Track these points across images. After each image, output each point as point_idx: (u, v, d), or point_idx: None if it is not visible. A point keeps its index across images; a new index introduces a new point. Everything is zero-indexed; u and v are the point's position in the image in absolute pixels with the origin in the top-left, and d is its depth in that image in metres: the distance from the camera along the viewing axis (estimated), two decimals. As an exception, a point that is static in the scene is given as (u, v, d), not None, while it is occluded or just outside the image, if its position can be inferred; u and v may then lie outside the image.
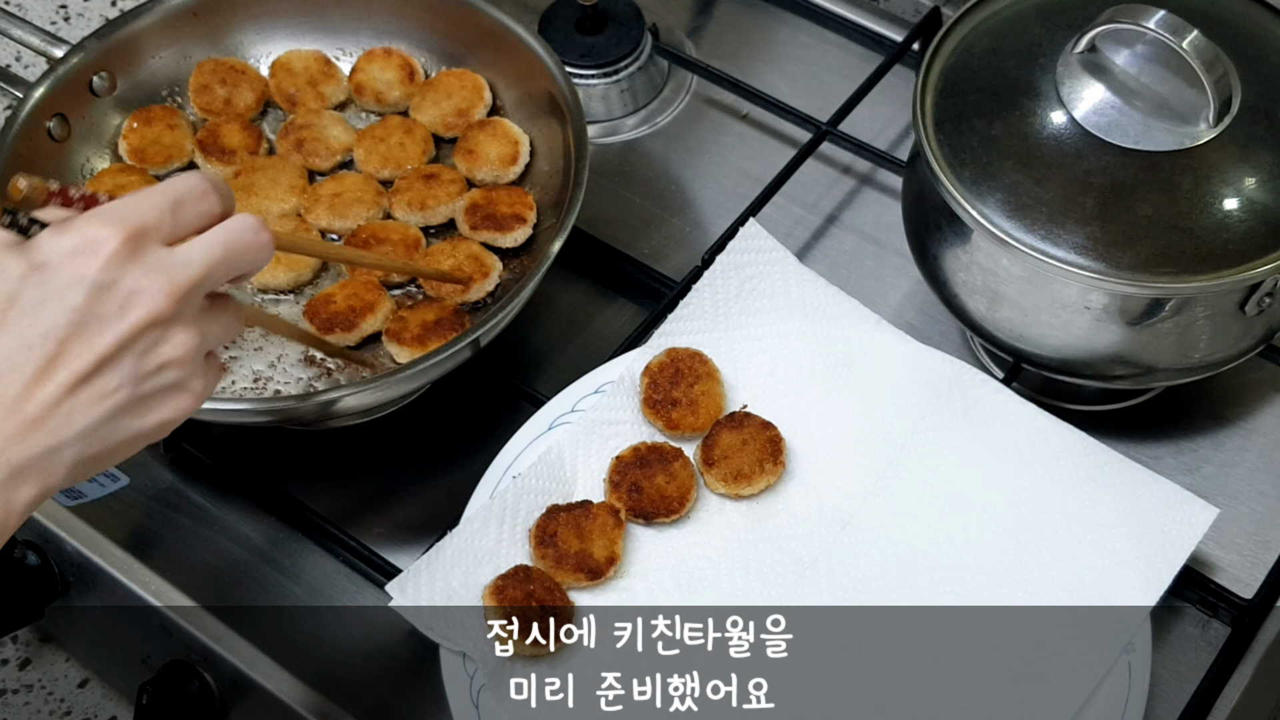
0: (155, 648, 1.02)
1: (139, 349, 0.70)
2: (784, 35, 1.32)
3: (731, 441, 0.98)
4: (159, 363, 0.71)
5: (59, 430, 0.68)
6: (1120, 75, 0.95)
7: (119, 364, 0.69)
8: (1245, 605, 0.95)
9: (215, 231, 0.73)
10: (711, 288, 1.06)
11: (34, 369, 0.67)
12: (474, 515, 0.96)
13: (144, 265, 0.69)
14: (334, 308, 1.04)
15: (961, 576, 0.94)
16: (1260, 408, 1.07)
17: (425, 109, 1.15)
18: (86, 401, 0.68)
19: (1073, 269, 0.90)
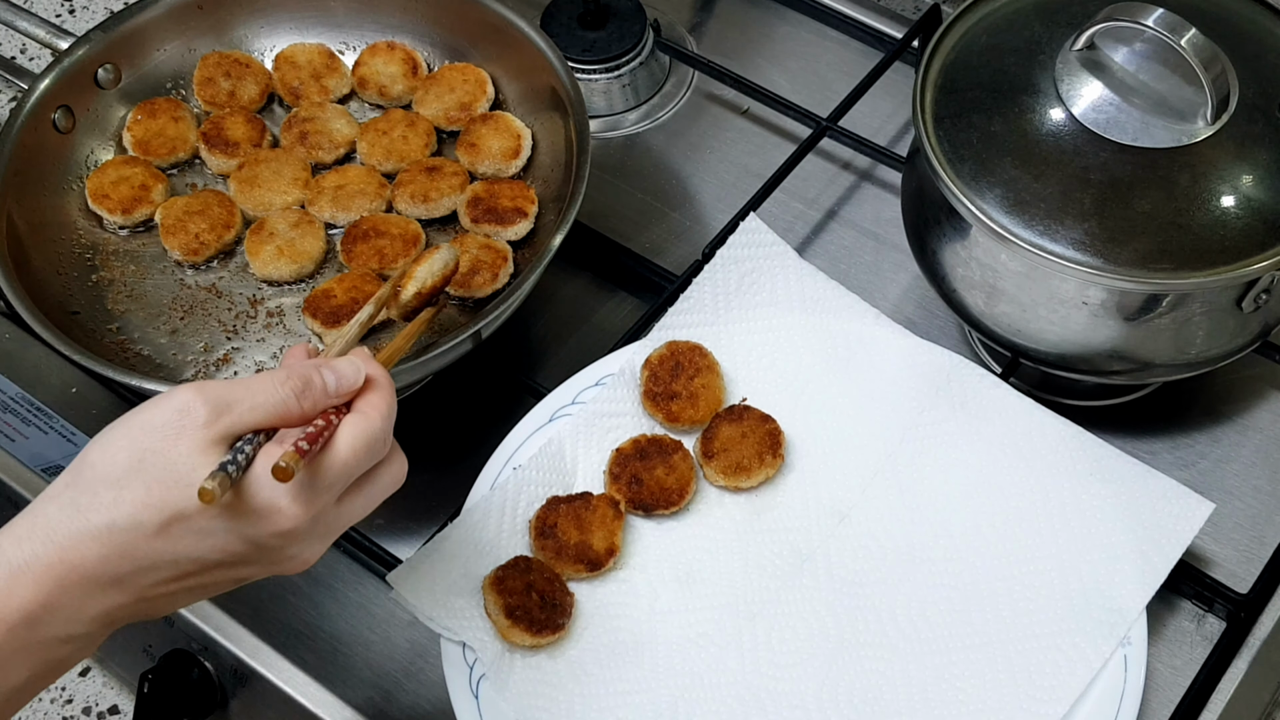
0: (156, 636, 1.02)
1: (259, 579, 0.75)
2: (784, 31, 1.33)
3: (731, 434, 0.98)
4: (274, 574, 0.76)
5: (155, 611, 0.73)
6: (1119, 73, 0.95)
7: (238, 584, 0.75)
8: (1240, 600, 0.96)
9: (380, 490, 0.77)
10: (712, 281, 1.06)
11: (164, 578, 0.71)
12: (474, 506, 0.97)
13: (312, 536, 0.74)
14: (335, 301, 1.04)
15: (958, 570, 0.95)
16: (1256, 404, 1.07)
17: (428, 103, 1.16)
18: (193, 596, 0.74)
19: (1071, 264, 0.91)
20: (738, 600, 0.94)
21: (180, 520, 0.69)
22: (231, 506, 0.70)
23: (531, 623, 0.90)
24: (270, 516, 0.71)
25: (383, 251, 1.07)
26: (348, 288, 1.05)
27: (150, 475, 0.69)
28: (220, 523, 0.70)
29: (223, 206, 1.10)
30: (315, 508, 0.72)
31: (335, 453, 0.73)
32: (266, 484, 0.70)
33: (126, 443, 0.70)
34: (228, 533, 0.70)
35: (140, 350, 1.05)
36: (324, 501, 0.73)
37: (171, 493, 0.69)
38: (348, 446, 0.73)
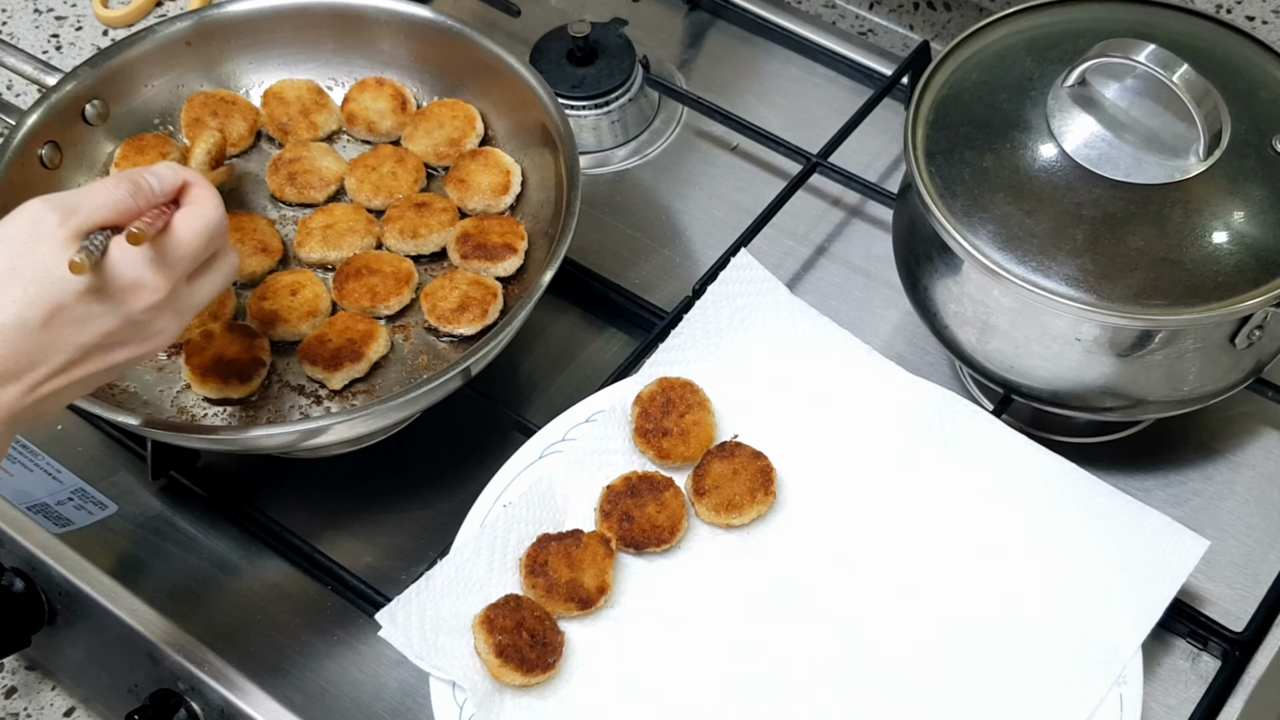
0: (142, 676, 1.01)
1: (135, 362, 0.86)
2: (774, 68, 1.33)
3: (722, 471, 0.98)
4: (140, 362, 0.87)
5: (56, 402, 0.83)
6: (1111, 109, 0.95)
7: (114, 371, 0.85)
8: (1235, 638, 0.95)
9: (221, 275, 0.89)
10: (703, 318, 1.06)
11: (54, 368, 0.80)
12: (464, 544, 0.96)
13: (173, 309, 0.85)
14: (332, 345, 1.04)
15: (951, 607, 0.94)
16: (1249, 441, 1.07)
17: (417, 138, 1.16)
18: (79, 389, 0.84)
19: (1063, 300, 0.91)
20: (730, 639, 0.94)
21: (60, 311, 0.79)
22: (102, 290, 0.80)
23: (522, 662, 0.90)
24: (137, 291, 0.82)
25: (375, 290, 1.07)
26: (340, 330, 1.05)
27: (24, 278, 0.79)
28: (96, 306, 0.81)
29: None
30: (172, 278, 0.83)
31: (177, 232, 0.84)
32: (128, 264, 0.81)
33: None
34: (104, 314, 0.81)
35: (127, 387, 1.04)
36: (178, 274, 0.84)
37: (47, 288, 0.79)
38: (188, 228, 0.85)
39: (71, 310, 0.80)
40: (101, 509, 1.06)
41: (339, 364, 1.03)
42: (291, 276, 1.09)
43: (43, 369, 0.80)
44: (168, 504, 1.07)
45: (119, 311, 0.82)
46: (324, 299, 1.08)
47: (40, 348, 0.79)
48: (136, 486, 1.08)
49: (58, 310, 0.79)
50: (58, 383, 0.81)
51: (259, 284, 1.08)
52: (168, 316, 0.85)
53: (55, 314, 0.79)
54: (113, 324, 0.82)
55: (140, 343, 0.84)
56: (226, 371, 1.03)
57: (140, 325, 0.83)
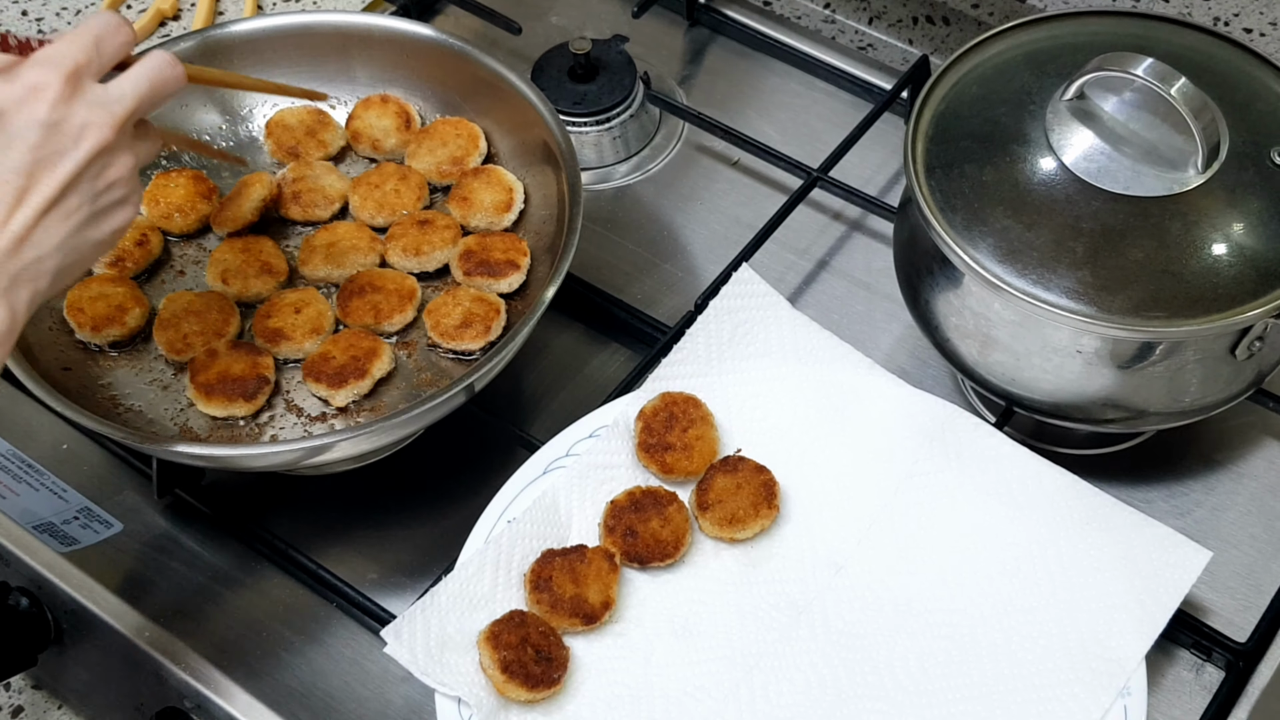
0: (149, 694, 1.01)
1: (92, 173, 0.84)
2: (774, 83, 1.33)
3: (726, 485, 0.98)
4: (108, 182, 0.86)
5: (40, 244, 0.82)
6: (1109, 122, 0.96)
7: (78, 187, 0.84)
8: (1239, 649, 0.95)
9: (139, 69, 0.88)
10: (705, 332, 1.06)
11: (10, 198, 0.81)
12: (469, 560, 0.96)
13: (86, 102, 0.84)
14: (337, 362, 1.04)
15: (956, 620, 0.94)
16: (1251, 451, 1.07)
17: (421, 156, 1.16)
18: (57, 220, 0.83)
19: (1064, 313, 0.91)
20: (734, 653, 0.94)
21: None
22: (5, 111, 0.81)
23: (527, 677, 0.90)
24: (32, 95, 0.82)
25: (378, 307, 1.07)
26: (344, 347, 1.05)
27: None
28: (10, 124, 0.81)
29: (221, 312, 1.08)
30: (61, 71, 0.83)
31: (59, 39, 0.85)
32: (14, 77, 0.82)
33: None
34: (19, 130, 0.81)
35: (132, 405, 1.05)
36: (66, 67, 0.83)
37: None
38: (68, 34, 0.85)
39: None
40: (107, 528, 1.06)
41: (343, 381, 1.03)
42: (295, 294, 1.09)
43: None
44: (173, 522, 1.07)
45: (30, 119, 0.82)
46: (328, 316, 1.08)
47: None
48: (142, 505, 1.08)
49: None
50: (23, 215, 0.81)
51: (264, 302, 1.09)
52: (82, 109, 0.83)
53: None
54: (33, 134, 0.82)
55: (74, 144, 0.83)
56: (231, 389, 1.03)
57: (59, 125, 0.82)
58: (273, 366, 1.05)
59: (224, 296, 1.09)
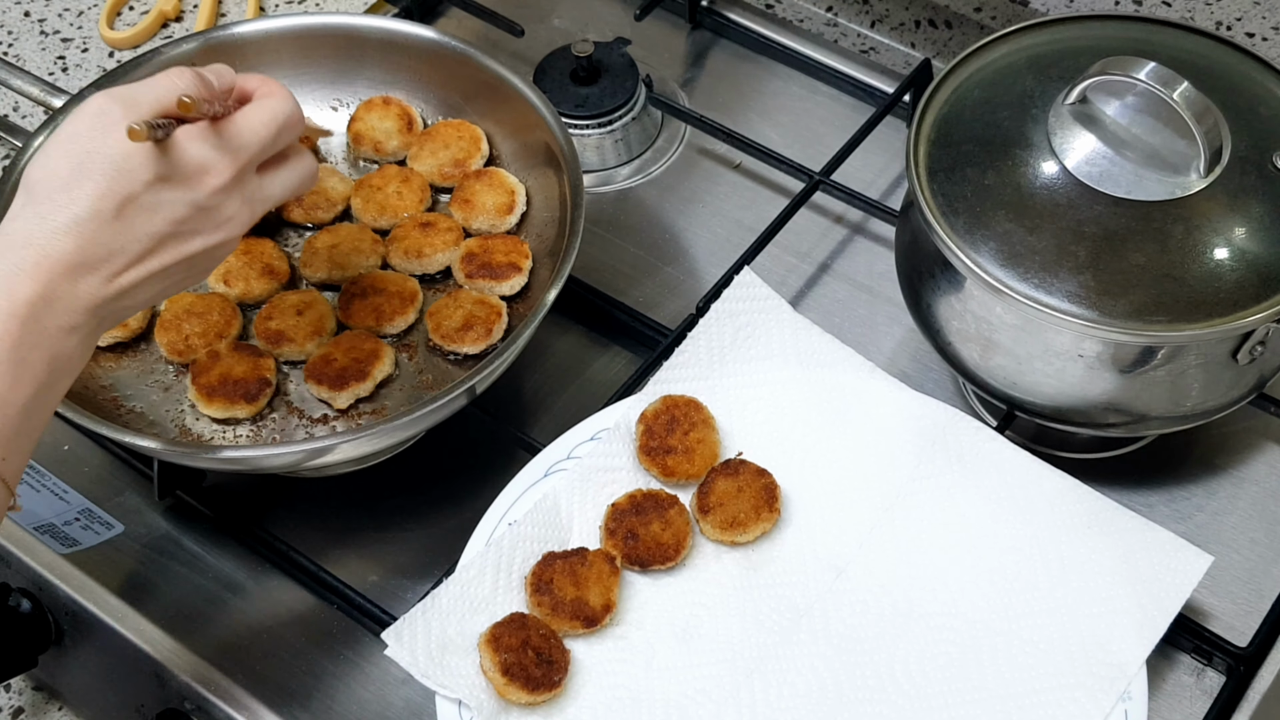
0: (149, 696, 1.01)
1: (209, 254, 0.87)
2: (776, 86, 1.33)
3: (727, 489, 0.98)
4: (215, 258, 0.88)
5: (135, 297, 0.85)
6: (1112, 126, 0.96)
7: (192, 264, 0.86)
8: (1240, 653, 0.95)
9: (295, 173, 0.91)
10: (706, 335, 1.06)
11: (134, 256, 0.83)
12: (470, 562, 0.96)
13: (241, 196, 0.86)
14: (339, 364, 1.04)
15: (957, 624, 0.94)
16: (1252, 456, 1.07)
17: (423, 158, 1.16)
18: (159, 280, 0.85)
19: (1066, 317, 0.91)
20: (735, 656, 0.94)
21: (132, 200, 0.81)
22: (169, 177, 0.82)
23: (528, 680, 0.90)
24: (203, 175, 0.84)
25: (380, 309, 1.07)
26: (345, 349, 1.05)
27: (95, 170, 0.81)
28: (166, 193, 0.82)
29: (223, 314, 1.08)
30: (238, 162, 0.85)
31: (243, 117, 0.86)
32: (193, 148, 0.83)
33: (61, 153, 0.82)
34: (174, 201, 0.83)
35: (134, 407, 1.05)
36: (243, 159, 0.85)
37: (117, 179, 0.81)
38: (254, 113, 0.87)
39: (142, 199, 0.82)
40: (108, 529, 1.07)
41: (344, 383, 1.03)
42: (297, 296, 1.09)
43: (119, 259, 0.82)
44: (174, 524, 1.07)
45: (187, 197, 0.83)
46: (329, 318, 1.08)
47: (115, 237, 0.81)
48: (143, 506, 1.08)
49: (129, 200, 0.81)
50: (135, 274, 0.83)
51: (265, 304, 1.09)
52: (236, 203, 0.86)
53: (127, 203, 0.81)
54: (182, 210, 0.83)
55: (212, 230, 0.85)
56: (232, 391, 1.03)
57: (209, 211, 0.85)
58: (274, 368, 1.05)
59: (225, 298, 1.09)
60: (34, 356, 0.79)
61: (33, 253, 0.80)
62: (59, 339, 0.80)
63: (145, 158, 0.82)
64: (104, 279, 0.82)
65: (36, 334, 0.79)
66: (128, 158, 0.81)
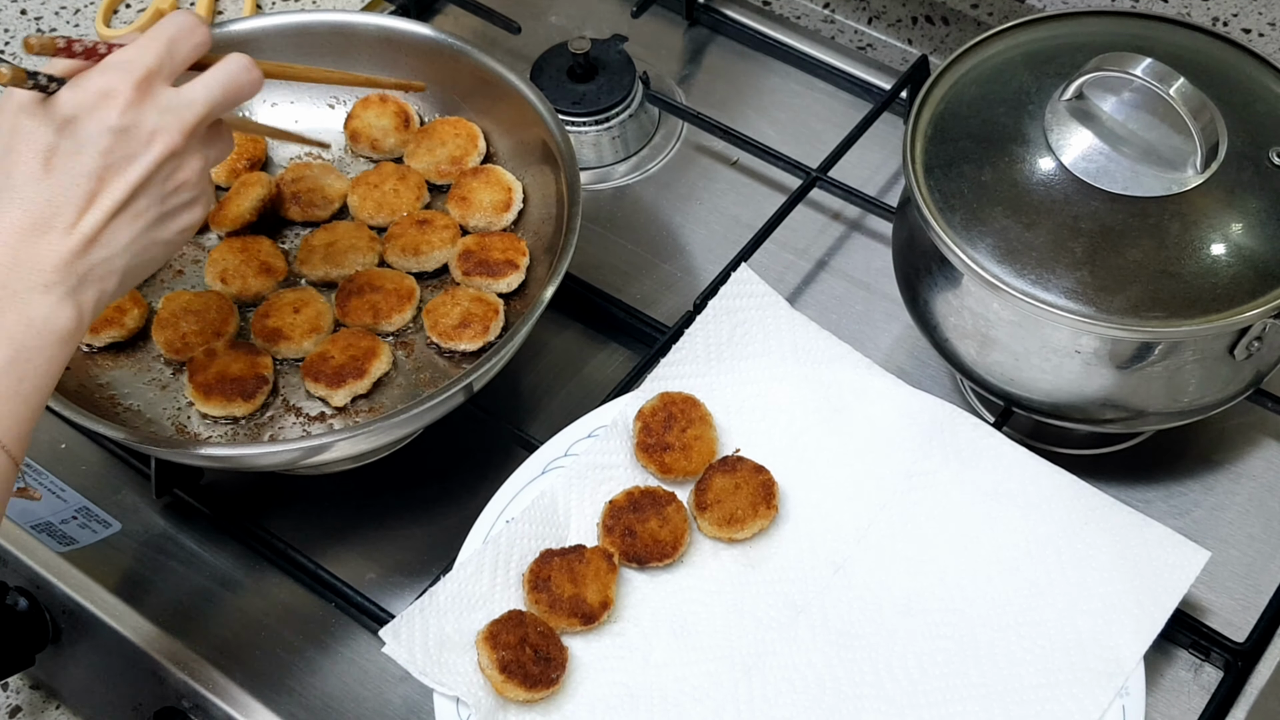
0: (147, 694, 1.01)
1: (161, 176, 0.86)
2: (773, 83, 1.33)
3: (724, 485, 0.98)
4: (176, 185, 0.87)
5: (109, 245, 0.84)
6: (1108, 122, 0.96)
7: (147, 190, 0.85)
8: (1237, 649, 0.95)
9: (214, 73, 0.88)
10: (704, 332, 1.06)
11: (81, 200, 0.83)
12: (467, 560, 0.96)
13: (157, 107, 0.85)
14: (336, 362, 1.04)
15: (954, 620, 0.94)
16: (1249, 451, 1.07)
17: (420, 156, 1.16)
18: (126, 222, 0.85)
19: (1063, 313, 0.91)
20: (733, 653, 0.94)
21: (52, 150, 0.82)
22: (75, 117, 0.83)
23: (526, 677, 0.90)
24: (104, 100, 0.83)
25: (377, 307, 1.07)
26: (343, 347, 1.05)
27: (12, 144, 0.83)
28: (79, 131, 0.83)
29: (220, 312, 1.08)
30: (133, 75, 0.84)
31: (129, 43, 0.86)
32: (85, 81, 0.84)
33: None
34: (89, 136, 0.83)
35: (131, 405, 1.05)
36: (138, 71, 0.84)
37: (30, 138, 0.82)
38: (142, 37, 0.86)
39: (60, 145, 0.83)
40: (105, 527, 1.07)
41: (342, 381, 1.03)
42: (294, 294, 1.09)
43: (68, 208, 0.83)
44: (171, 522, 1.07)
45: (99, 126, 0.83)
46: (326, 316, 1.08)
47: (53, 189, 0.82)
48: (140, 504, 1.08)
49: (49, 150, 0.83)
50: (93, 217, 0.83)
51: (262, 302, 1.09)
52: (153, 114, 0.85)
53: (49, 155, 0.83)
54: (102, 140, 0.83)
55: (144, 149, 0.84)
56: (229, 389, 1.03)
57: (129, 130, 0.84)
58: (271, 366, 1.05)
59: (223, 296, 1.09)
60: (8, 319, 0.80)
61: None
62: (31, 300, 0.81)
63: (48, 109, 0.83)
64: (62, 232, 0.82)
65: (6, 299, 0.80)
66: (31, 115, 0.83)
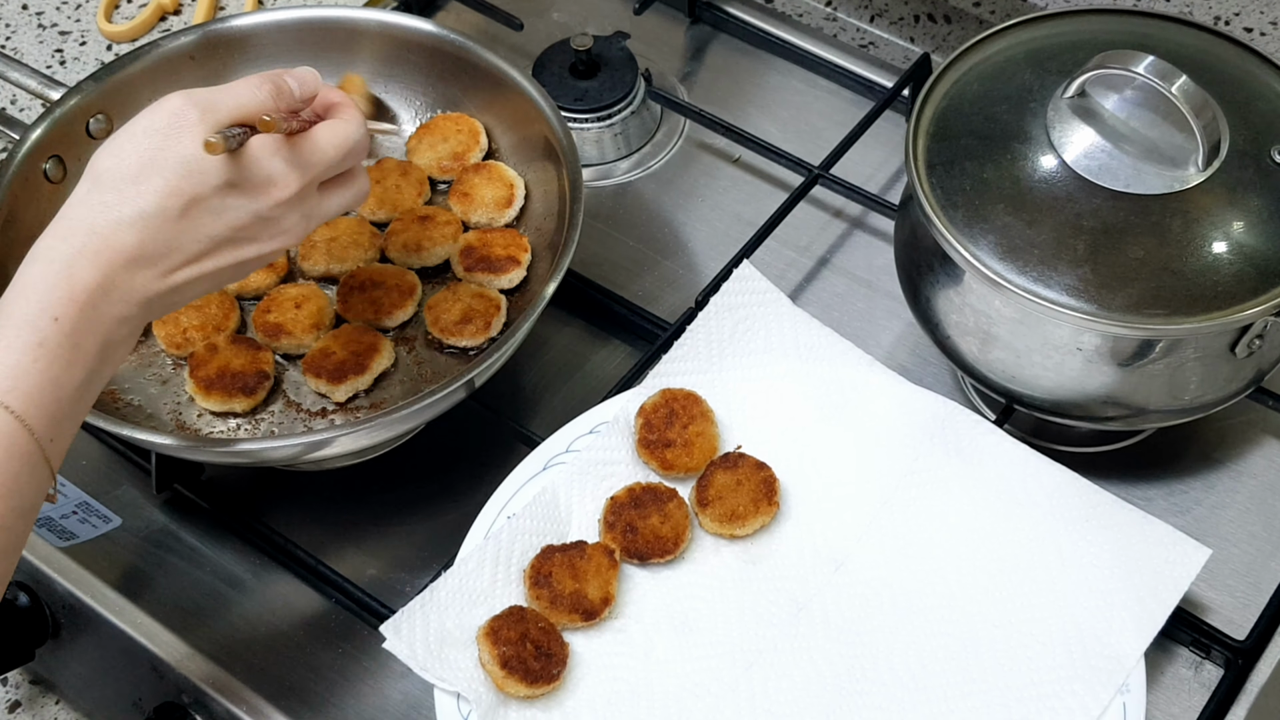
0: (147, 690, 1.01)
1: (260, 262, 0.89)
2: (775, 81, 1.33)
3: (726, 482, 0.98)
4: (261, 263, 0.89)
5: (184, 295, 0.86)
6: (1110, 120, 0.96)
7: (243, 266, 0.88)
8: (1238, 647, 0.95)
9: (351, 192, 0.92)
10: (706, 329, 1.06)
11: (192, 257, 0.84)
12: (468, 555, 0.96)
13: (302, 211, 0.88)
14: (337, 358, 1.04)
15: (955, 617, 0.94)
16: (1250, 449, 1.07)
17: (421, 152, 1.16)
18: (207, 282, 0.87)
19: (1064, 310, 0.91)
20: (734, 649, 0.94)
21: (198, 201, 0.83)
22: (238, 184, 0.84)
23: (526, 673, 0.90)
24: (270, 186, 0.85)
25: (378, 302, 1.07)
26: (345, 342, 1.05)
27: (165, 168, 0.82)
28: (231, 199, 0.84)
29: (221, 307, 1.08)
30: (304, 179, 0.86)
31: (316, 137, 0.88)
32: (264, 159, 0.85)
33: (133, 147, 0.83)
34: (238, 207, 0.84)
35: (132, 400, 1.05)
36: (310, 176, 0.87)
37: (186, 179, 0.82)
38: (327, 135, 0.88)
39: (208, 201, 0.83)
40: (106, 522, 1.06)
41: (343, 376, 1.03)
42: (296, 289, 1.09)
43: (177, 257, 0.83)
44: (172, 517, 1.07)
45: (251, 206, 0.85)
46: (328, 312, 1.08)
47: (176, 236, 0.83)
48: (141, 500, 1.08)
49: (195, 201, 0.83)
50: (189, 272, 0.84)
51: (264, 297, 1.09)
52: (295, 217, 0.87)
53: (193, 204, 0.83)
54: (244, 218, 0.85)
55: (268, 239, 0.87)
56: (231, 384, 1.03)
57: (269, 222, 0.86)
58: (272, 361, 1.05)
59: (224, 291, 1.09)
60: (88, 342, 0.80)
61: (96, 241, 0.81)
62: (112, 327, 0.82)
63: (216, 162, 0.83)
64: (160, 274, 0.83)
65: (93, 320, 0.80)
66: (199, 160, 0.83)
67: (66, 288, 0.80)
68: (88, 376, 0.81)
